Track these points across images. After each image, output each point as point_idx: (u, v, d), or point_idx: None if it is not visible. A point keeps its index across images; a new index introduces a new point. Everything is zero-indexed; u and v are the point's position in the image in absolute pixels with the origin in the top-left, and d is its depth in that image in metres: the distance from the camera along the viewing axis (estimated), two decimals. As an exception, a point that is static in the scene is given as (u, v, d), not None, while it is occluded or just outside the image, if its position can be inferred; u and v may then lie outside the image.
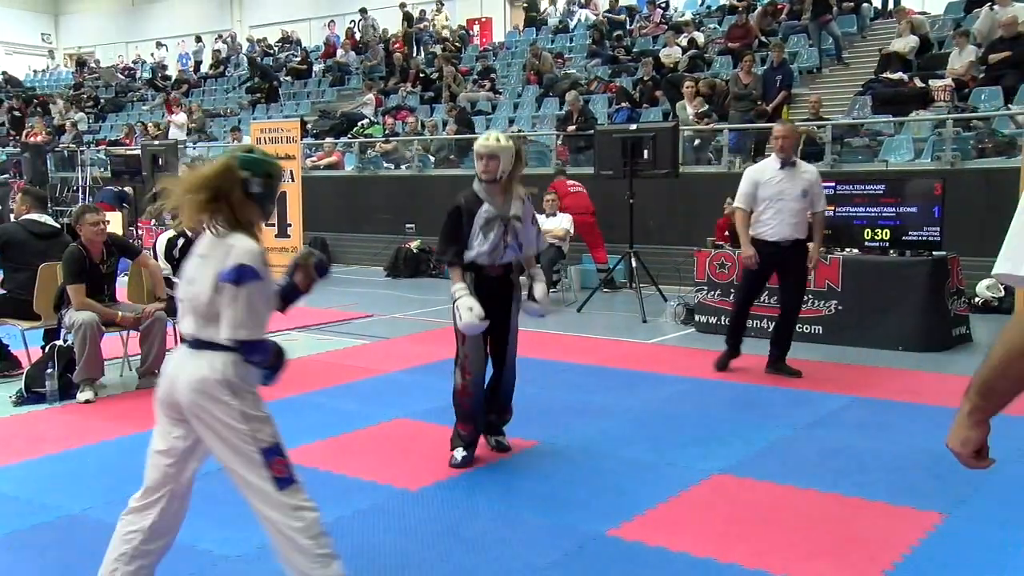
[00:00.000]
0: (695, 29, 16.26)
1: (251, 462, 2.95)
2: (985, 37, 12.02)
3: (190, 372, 2.94)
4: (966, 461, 2.04)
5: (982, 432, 1.97)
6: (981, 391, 1.93)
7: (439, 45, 20.53)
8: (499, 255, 4.63)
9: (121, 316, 6.26)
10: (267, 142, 12.19)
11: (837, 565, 3.49)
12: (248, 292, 2.88)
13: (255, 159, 3.01)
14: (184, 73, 25.52)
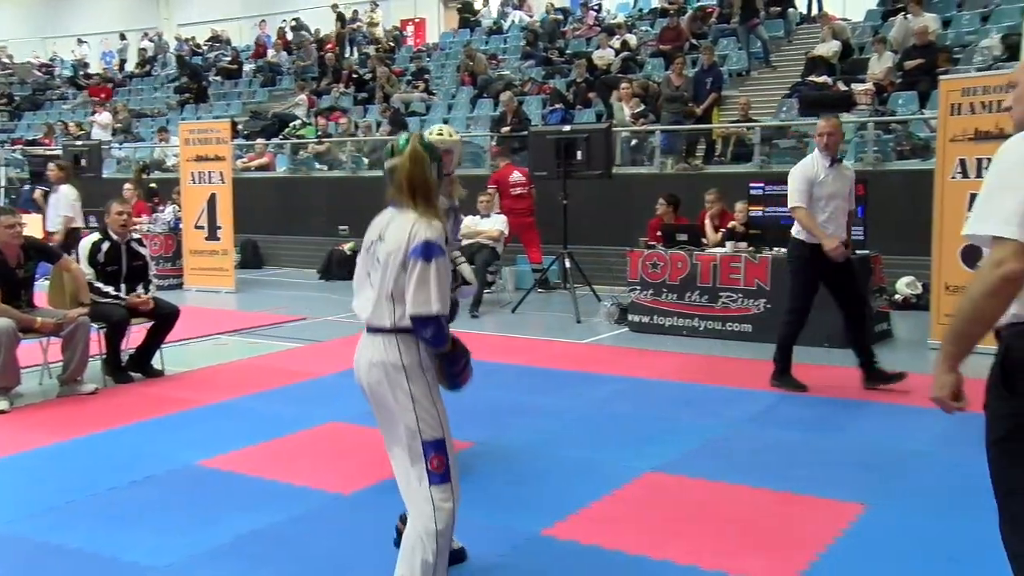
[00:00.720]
0: (627, 31, 16.46)
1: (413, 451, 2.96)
2: (900, 44, 12.46)
3: (368, 356, 3.01)
4: (945, 404, 2.37)
5: (956, 376, 2.32)
6: (953, 340, 2.29)
7: (372, 46, 20.38)
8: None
9: (40, 322, 6.06)
10: (196, 143, 11.92)
11: (766, 558, 3.56)
12: (439, 267, 2.86)
13: (430, 144, 3.12)
14: (108, 71, 24.82)
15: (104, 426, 5.50)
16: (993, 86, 7.09)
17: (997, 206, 2.16)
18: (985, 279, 2.15)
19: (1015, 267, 2.11)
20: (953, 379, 2.31)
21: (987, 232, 2.16)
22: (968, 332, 2.24)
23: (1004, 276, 2.12)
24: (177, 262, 12.12)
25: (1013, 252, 2.13)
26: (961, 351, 2.28)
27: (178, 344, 7.53)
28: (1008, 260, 2.13)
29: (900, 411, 5.58)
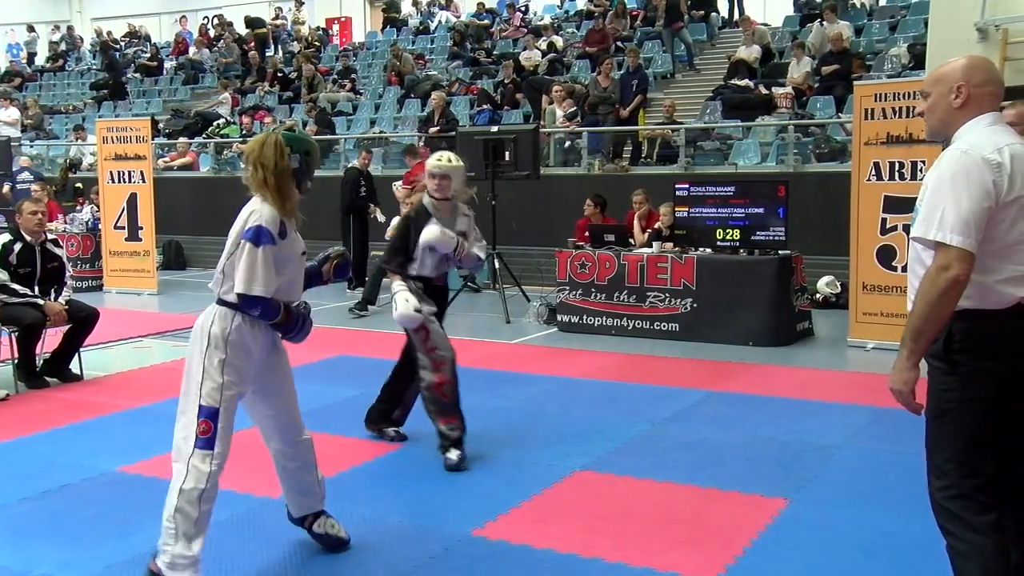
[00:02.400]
0: (554, 33, 16.57)
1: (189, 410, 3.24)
2: (818, 50, 12.84)
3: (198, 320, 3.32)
4: (907, 399, 2.56)
5: (917, 373, 2.54)
6: (913, 337, 2.50)
7: (298, 43, 20.07)
8: (444, 267, 4.87)
9: (-52, 327, 5.80)
10: (115, 141, 11.57)
11: (693, 553, 3.62)
12: (262, 252, 3.16)
13: (295, 136, 3.37)
14: (16, 65, 23.85)
15: (15, 434, 5.29)
16: (902, 92, 7.36)
17: (941, 215, 2.44)
18: (936, 282, 2.43)
19: (960, 271, 2.41)
20: (915, 375, 2.53)
21: (933, 238, 2.44)
22: (925, 330, 2.48)
23: (952, 279, 2.40)
24: (96, 263, 11.76)
25: (957, 258, 2.41)
26: (921, 347, 2.51)
27: (97, 347, 7.30)
28: (953, 265, 2.41)
29: (819, 408, 5.74)
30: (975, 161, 2.46)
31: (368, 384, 6.44)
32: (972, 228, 2.42)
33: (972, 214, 2.42)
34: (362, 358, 7.39)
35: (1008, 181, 2.46)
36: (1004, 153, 2.48)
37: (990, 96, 2.61)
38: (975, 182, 2.44)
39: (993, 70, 2.68)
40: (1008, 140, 2.54)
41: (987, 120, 2.59)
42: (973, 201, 2.42)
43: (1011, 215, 2.47)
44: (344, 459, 4.77)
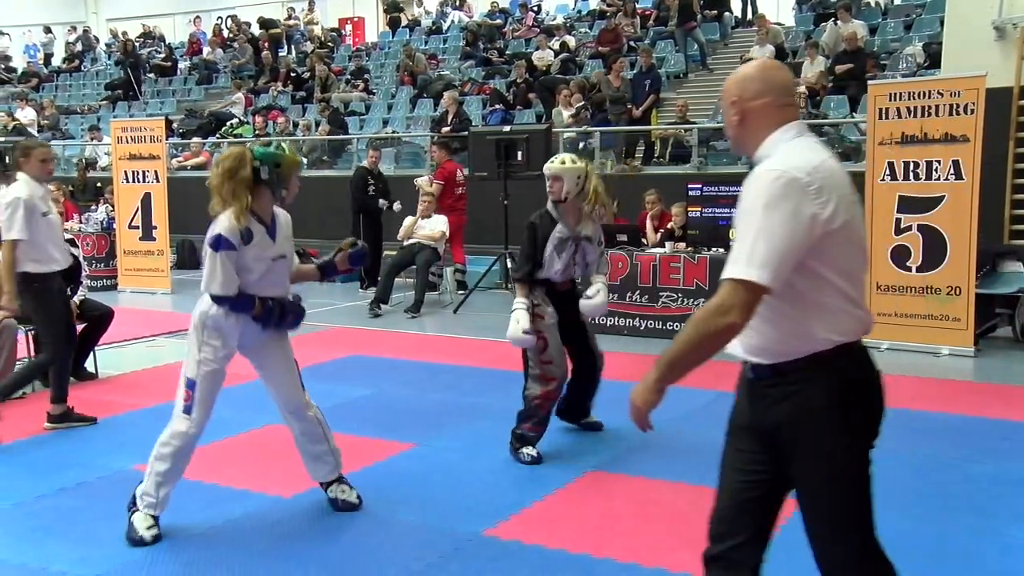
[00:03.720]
0: (567, 33, 16.56)
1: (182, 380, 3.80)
2: (831, 49, 12.78)
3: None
4: (641, 419, 2.37)
5: (661, 397, 2.32)
6: (671, 364, 2.26)
7: (311, 43, 20.14)
8: (570, 273, 4.89)
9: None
10: (129, 141, 11.64)
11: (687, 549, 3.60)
12: (221, 258, 3.63)
13: (266, 151, 3.74)
14: (33, 66, 24.03)
15: (32, 431, 5.34)
16: (917, 92, 7.32)
17: (752, 249, 2.11)
18: (712, 322, 2.15)
19: (738, 319, 2.13)
20: (657, 399, 2.31)
21: (742, 277, 2.11)
22: (685, 363, 2.25)
23: (728, 327, 2.14)
24: (111, 263, 11.83)
25: (743, 303, 2.11)
26: (674, 377, 2.27)
27: (112, 346, 7.35)
28: (734, 310, 2.11)
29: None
30: (791, 187, 2.10)
31: (380, 383, 6.47)
32: (778, 263, 2.09)
33: (783, 247, 2.09)
34: (375, 358, 7.41)
35: (825, 202, 2.12)
36: (818, 173, 2.14)
37: (772, 108, 2.26)
38: (791, 209, 2.09)
39: (771, 76, 2.28)
40: (822, 154, 2.23)
41: (789, 134, 2.25)
42: (786, 233, 2.09)
43: (829, 243, 2.14)
44: (356, 458, 4.78)
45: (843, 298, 2.20)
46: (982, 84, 7.00)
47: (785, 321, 2.21)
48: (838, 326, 2.19)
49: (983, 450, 4.88)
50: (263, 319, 3.80)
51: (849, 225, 2.17)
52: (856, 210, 2.23)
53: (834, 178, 2.17)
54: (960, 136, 7.04)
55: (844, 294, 2.20)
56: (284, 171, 3.73)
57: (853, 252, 2.22)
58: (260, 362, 3.98)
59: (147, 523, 3.72)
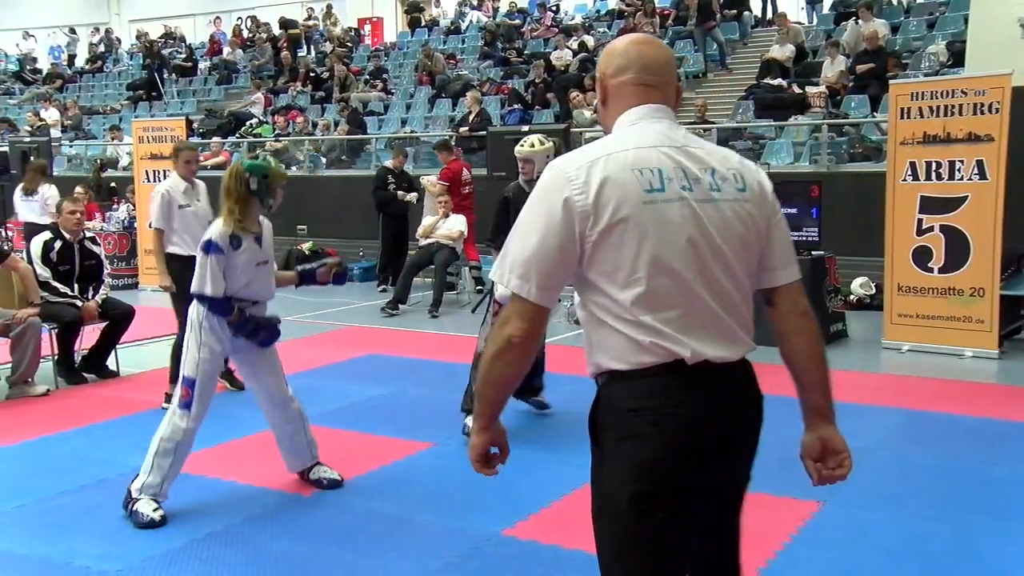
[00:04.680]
0: (585, 32, 16.53)
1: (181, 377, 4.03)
2: (852, 48, 12.70)
3: None
4: (479, 468, 2.07)
5: (487, 436, 2.03)
6: (479, 399, 2.03)
7: (330, 43, 20.22)
8: None
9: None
10: (150, 141, 11.74)
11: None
12: (211, 260, 3.95)
13: (255, 163, 4.10)
14: (57, 67, 24.28)
15: (55, 428, 5.39)
16: (939, 91, 7.26)
17: (511, 253, 1.89)
18: (495, 340, 1.92)
19: (516, 330, 1.87)
20: (483, 440, 2.02)
21: (498, 282, 1.92)
22: (488, 395, 1.99)
23: (507, 339, 1.88)
24: (132, 261, 11.92)
25: (517, 312, 1.88)
26: (487, 412, 2.01)
27: (133, 345, 7.41)
28: (511, 320, 1.88)
29: (851, 409, 5.66)
30: (555, 181, 1.87)
31: (397, 383, 6.48)
32: (535, 271, 1.84)
33: (541, 253, 1.84)
34: (392, 357, 7.43)
35: (594, 203, 1.82)
36: (596, 167, 1.84)
37: (631, 86, 1.97)
38: (550, 210, 1.84)
39: (636, 51, 1.98)
40: (621, 146, 1.89)
41: (630, 118, 1.97)
42: (542, 237, 1.84)
43: (608, 247, 1.84)
44: (373, 457, 4.80)
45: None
46: (1008, 83, 6.93)
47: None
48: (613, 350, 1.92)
49: (1006, 453, 4.83)
50: (237, 326, 4.07)
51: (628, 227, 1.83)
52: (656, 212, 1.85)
53: (615, 178, 1.83)
54: (984, 136, 6.97)
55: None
56: (271, 182, 4.05)
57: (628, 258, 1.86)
58: (248, 359, 4.23)
59: (152, 506, 3.92)
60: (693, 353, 1.86)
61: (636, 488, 1.86)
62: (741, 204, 1.94)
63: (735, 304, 1.94)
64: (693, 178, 1.89)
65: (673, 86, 2.03)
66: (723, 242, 1.90)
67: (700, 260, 1.87)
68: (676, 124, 2.00)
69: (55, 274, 6.44)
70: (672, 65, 2.05)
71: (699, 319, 1.88)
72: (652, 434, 1.86)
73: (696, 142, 1.98)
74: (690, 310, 1.87)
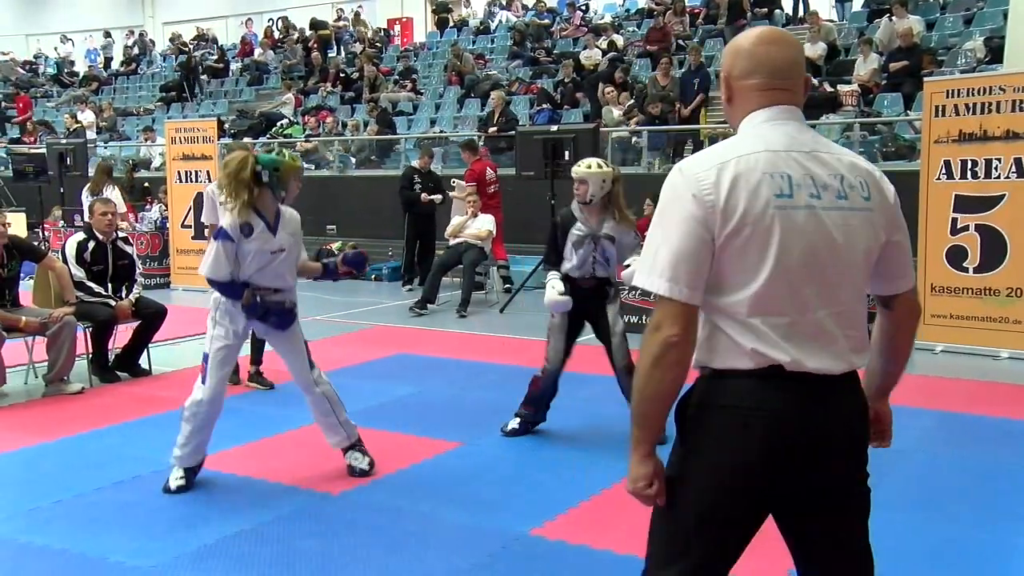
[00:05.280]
0: (614, 32, 16.48)
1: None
2: (886, 46, 12.53)
3: None
4: (646, 500, 2.03)
5: (653, 465, 1.98)
6: (637, 422, 1.97)
7: (359, 44, 20.33)
8: (588, 270, 4.98)
9: (25, 321, 6.02)
10: (182, 141, 11.87)
11: (754, 557, 3.54)
12: (218, 246, 4.16)
13: (267, 156, 4.24)
14: (93, 69, 24.66)
15: (90, 426, 5.47)
16: (976, 88, 7.15)
17: (655, 257, 1.88)
18: (649, 347, 1.88)
19: (671, 332, 1.85)
20: (648, 470, 1.97)
21: (647, 288, 1.90)
22: (647, 411, 1.93)
23: (663, 342, 1.86)
24: (164, 261, 12.07)
25: (670, 314, 1.86)
26: (648, 434, 1.96)
27: (165, 344, 7.50)
28: (664, 324, 1.86)
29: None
30: (686, 182, 1.87)
31: (425, 382, 6.50)
32: (683, 272, 1.84)
33: (683, 252, 1.84)
34: (420, 356, 7.46)
35: (724, 205, 1.83)
36: (727, 169, 1.85)
37: (757, 90, 1.95)
38: (684, 210, 1.85)
39: (764, 53, 1.94)
40: (750, 148, 1.88)
41: (758, 119, 1.95)
42: (682, 236, 1.85)
43: (736, 249, 1.85)
44: (403, 456, 4.82)
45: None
46: (1048, 79, 6.81)
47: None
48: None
49: (1043, 456, 4.75)
50: (248, 309, 4.26)
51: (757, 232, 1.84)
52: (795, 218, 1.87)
53: (744, 178, 1.84)
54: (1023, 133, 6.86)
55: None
56: (283, 175, 4.21)
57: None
58: (272, 342, 4.55)
59: (176, 475, 4.30)
60: (793, 360, 1.86)
61: (715, 483, 1.93)
62: (868, 214, 1.92)
63: (849, 317, 1.94)
64: (822, 185, 1.88)
65: (801, 84, 2.00)
66: (846, 252, 1.90)
67: (820, 270, 1.88)
68: (804, 126, 1.97)
69: (89, 274, 6.54)
70: (801, 64, 2.01)
71: (808, 329, 1.89)
72: (739, 434, 1.88)
73: (825, 146, 1.96)
74: (800, 320, 1.88)
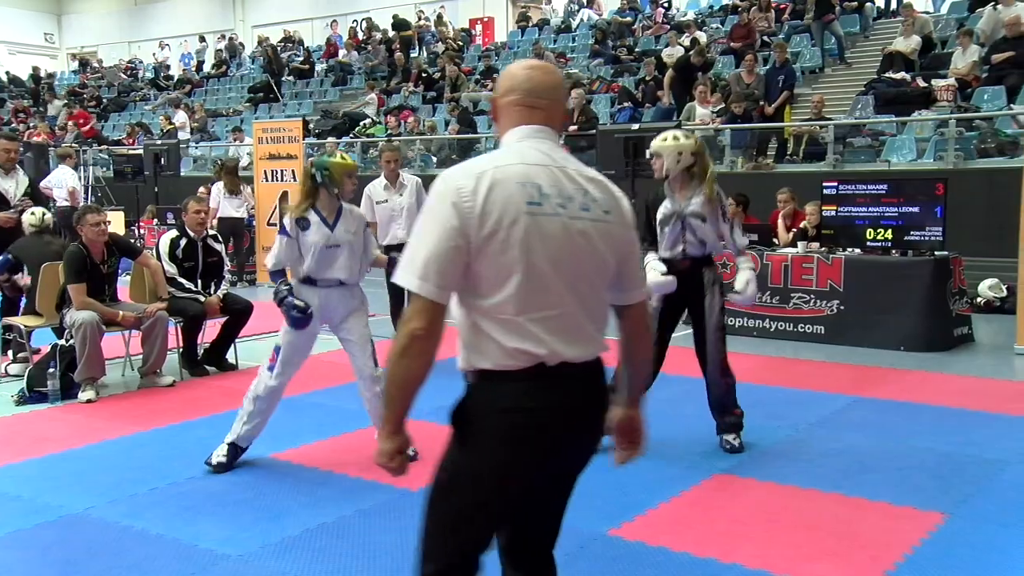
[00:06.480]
0: (697, 29, 16.25)
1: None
2: (988, 37, 12.00)
3: None
4: (390, 470, 2.20)
5: (398, 441, 2.16)
6: (387, 403, 2.14)
7: (441, 43, 20.53)
8: (680, 250, 4.74)
9: (122, 316, 6.27)
10: (269, 141, 12.18)
11: (839, 565, 3.48)
12: (277, 240, 4.65)
13: (320, 159, 4.71)
14: (187, 73, 25.54)
15: (181, 418, 5.67)
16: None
17: (412, 257, 2.03)
18: (399, 338, 2.04)
19: (417, 325, 2.00)
20: (392, 446, 2.14)
21: (402, 284, 2.04)
22: (394, 395, 2.09)
23: (409, 334, 2.01)
24: (251, 259, 12.40)
25: (419, 309, 2.01)
26: (393, 415, 2.12)
27: (251, 339, 7.70)
28: (413, 318, 2.01)
29: (983, 418, 5.40)
30: (446, 189, 2.04)
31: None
32: (433, 272, 1.99)
33: (436, 255, 2.00)
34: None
35: (481, 211, 1.99)
36: (484, 178, 2.01)
37: (516, 107, 2.15)
38: (442, 215, 2.01)
39: (526, 74, 2.17)
40: (506, 161, 2.06)
41: (516, 136, 2.15)
42: (437, 240, 2.00)
43: (491, 253, 2.00)
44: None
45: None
46: None
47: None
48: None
49: None
50: (277, 302, 4.65)
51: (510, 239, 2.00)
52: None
53: (500, 187, 2.01)
54: None
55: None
56: (333, 174, 4.56)
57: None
58: (340, 335, 4.80)
59: (221, 451, 4.64)
60: (552, 352, 2.04)
61: (487, 483, 2.13)
62: (607, 226, 2.12)
63: (594, 311, 2.15)
64: (568, 196, 2.08)
65: (559, 109, 2.23)
66: (588, 256, 2.09)
67: (566, 270, 2.06)
68: (557, 145, 2.18)
69: (180, 270, 6.76)
70: (559, 90, 2.24)
71: (565, 322, 2.07)
72: (511, 434, 2.06)
73: (573, 164, 2.15)
74: (558, 314, 2.06)
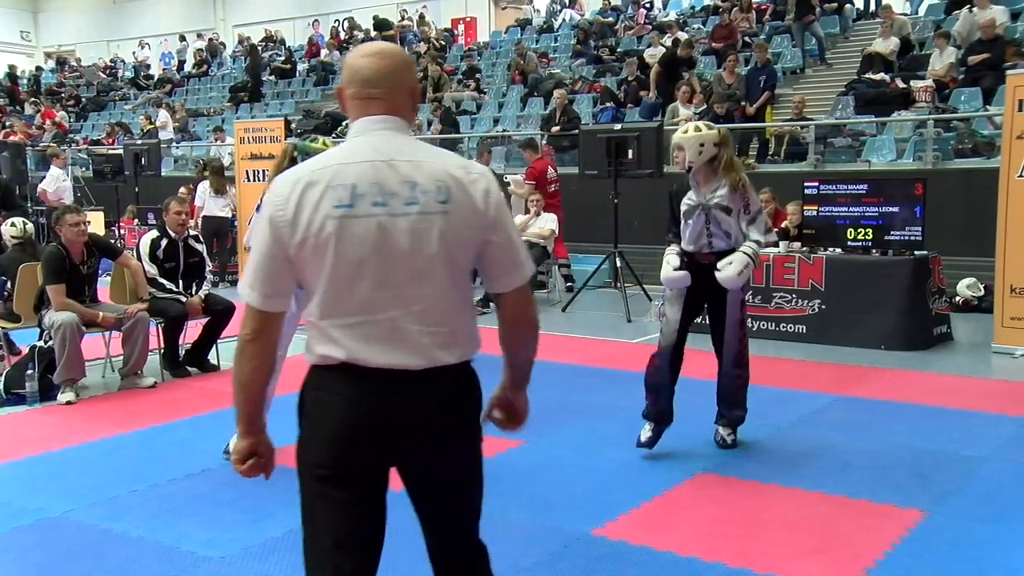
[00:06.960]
0: (679, 29, 16.31)
1: None
2: (964, 39, 12.12)
3: None
4: (242, 471, 2.19)
5: (252, 441, 2.16)
6: (235, 403, 2.14)
7: (424, 43, 20.49)
8: (704, 243, 4.69)
9: (102, 317, 6.22)
10: (250, 141, 12.09)
11: (821, 563, 3.50)
12: (255, 219, 4.26)
13: (302, 143, 4.67)
14: (167, 72, 25.36)
15: (163, 419, 5.63)
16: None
17: (248, 267, 2.09)
18: (237, 342, 2.12)
19: (247, 331, 2.07)
20: (243, 445, 2.16)
21: (240, 294, 2.12)
22: (236, 397, 2.13)
23: (242, 338, 2.08)
24: (232, 259, 12.33)
25: (249, 316, 2.07)
26: (241, 415, 2.15)
27: (233, 340, 7.64)
28: (246, 324, 2.08)
29: (961, 416, 5.45)
30: (269, 197, 2.04)
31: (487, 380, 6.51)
32: (258, 281, 2.04)
33: (259, 264, 2.04)
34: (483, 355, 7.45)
35: (292, 219, 1.98)
36: (299, 185, 2.00)
37: (353, 100, 2.12)
38: (262, 226, 2.03)
39: (361, 63, 2.09)
40: (325, 163, 2.04)
41: (353, 131, 2.13)
42: (262, 251, 2.03)
43: (306, 260, 2.01)
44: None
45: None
46: None
47: None
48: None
49: None
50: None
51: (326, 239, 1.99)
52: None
53: (313, 190, 1.99)
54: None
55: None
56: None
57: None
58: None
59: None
60: (353, 357, 2.02)
61: (316, 456, 2.09)
62: (443, 216, 2.02)
63: (434, 314, 2.07)
64: (390, 192, 2.00)
65: (402, 94, 2.11)
66: (417, 255, 2.01)
67: (386, 274, 2.00)
68: (397, 134, 2.08)
69: (161, 271, 6.72)
70: (398, 74, 2.10)
71: (379, 329, 2.02)
72: (324, 414, 2.06)
73: (409, 154, 2.05)
74: (369, 320, 2.02)
